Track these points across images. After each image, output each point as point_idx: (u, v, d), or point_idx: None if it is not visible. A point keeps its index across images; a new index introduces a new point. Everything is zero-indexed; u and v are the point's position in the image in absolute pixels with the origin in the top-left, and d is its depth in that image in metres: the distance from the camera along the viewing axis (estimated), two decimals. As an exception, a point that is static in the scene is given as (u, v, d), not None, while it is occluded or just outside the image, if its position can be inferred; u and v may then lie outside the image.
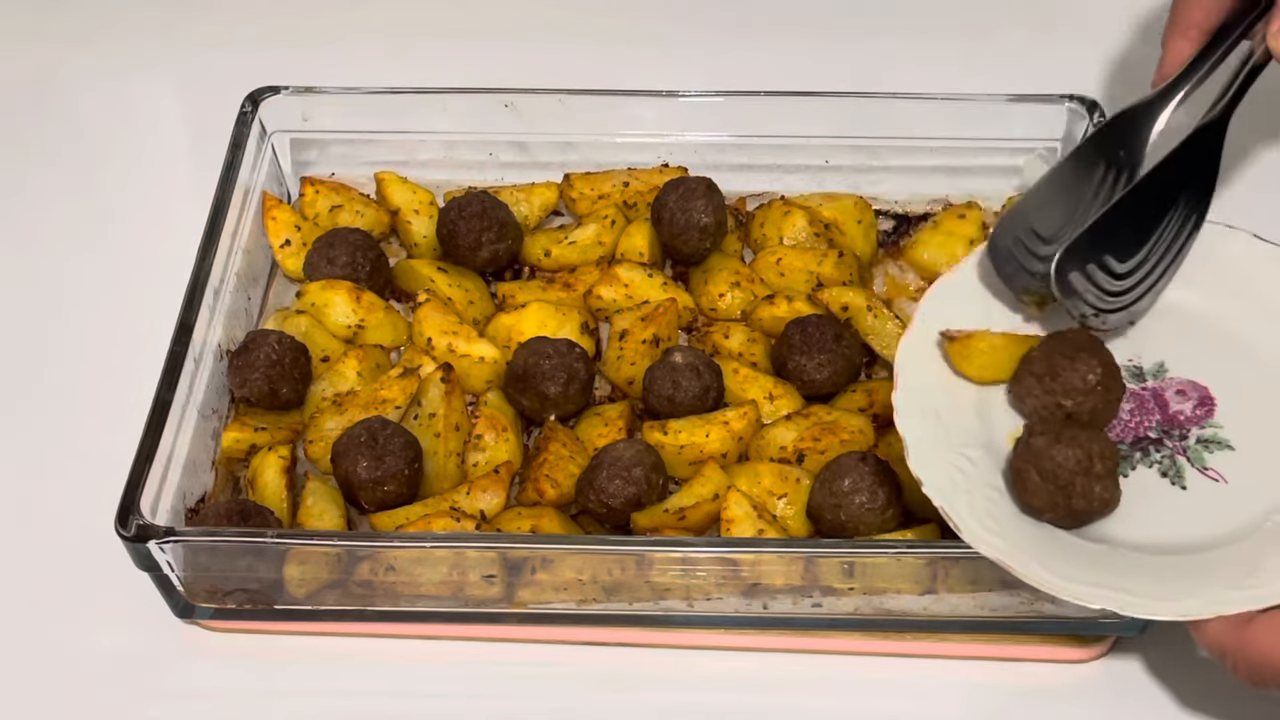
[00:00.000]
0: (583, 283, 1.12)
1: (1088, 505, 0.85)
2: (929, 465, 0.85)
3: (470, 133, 1.19)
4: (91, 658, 0.97)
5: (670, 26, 1.41)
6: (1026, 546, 0.83)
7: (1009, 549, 0.82)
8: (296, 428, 1.05)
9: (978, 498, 0.85)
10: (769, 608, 0.94)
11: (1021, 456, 0.86)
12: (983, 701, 0.95)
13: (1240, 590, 0.80)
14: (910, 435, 0.86)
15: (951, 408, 0.89)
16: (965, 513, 0.84)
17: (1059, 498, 0.84)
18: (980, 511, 0.84)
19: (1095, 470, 0.84)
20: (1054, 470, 0.84)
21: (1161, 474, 0.90)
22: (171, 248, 1.10)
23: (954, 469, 0.86)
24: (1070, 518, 0.85)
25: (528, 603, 0.95)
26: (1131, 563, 0.84)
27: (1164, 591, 0.81)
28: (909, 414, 0.87)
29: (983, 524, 0.84)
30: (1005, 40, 1.38)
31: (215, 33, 1.40)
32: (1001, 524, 0.84)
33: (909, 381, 0.89)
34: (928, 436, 0.87)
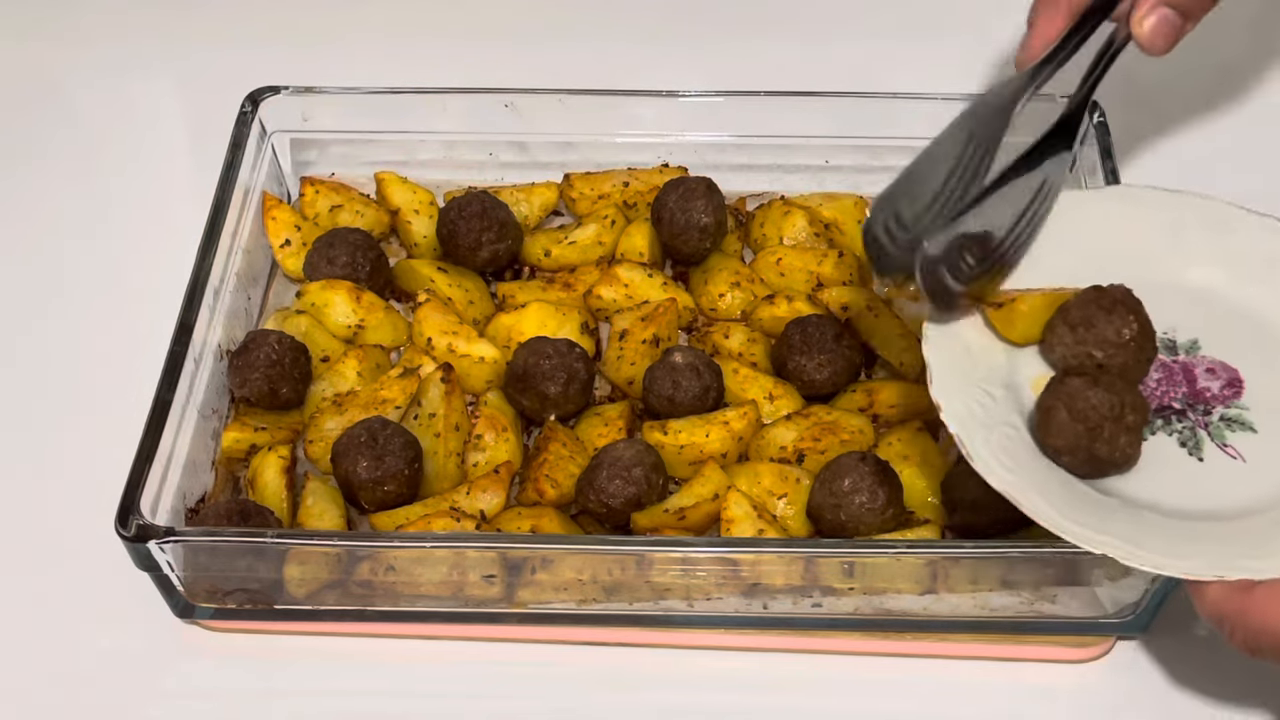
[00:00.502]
0: (583, 283, 1.12)
1: (1109, 453, 0.85)
2: (949, 394, 0.86)
3: (470, 133, 1.19)
4: (91, 657, 0.97)
5: (670, 26, 1.41)
6: (1037, 486, 0.83)
7: (1019, 483, 0.82)
8: (296, 428, 1.05)
9: (994, 433, 0.86)
10: (769, 608, 0.94)
11: (1053, 394, 0.86)
12: (982, 701, 0.95)
13: (1247, 559, 0.81)
14: (935, 362, 0.87)
15: (980, 345, 0.90)
16: (980, 444, 0.84)
17: (1083, 439, 0.84)
18: (995, 446, 0.85)
19: (1126, 420, 0.84)
20: (1085, 411, 0.84)
21: (1180, 443, 0.90)
22: (171, 247, 1.10)
23: (974, 402, 0.87)
24: (1089, 464, 0.85)
25: (528, 603, 0.95)
26: (1139, 519, 0.84)
27: (1169, 550, 0.81)
28: (937, 342, 0.88)
29: (996, 458, 0.84)
30: (1005, 40, 1.38)
31: (215, 32, 1.40)
32: (1015, 460, 0.84)
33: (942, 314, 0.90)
34: (952, 367, 0.87)
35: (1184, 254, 0.95)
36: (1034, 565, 0.84)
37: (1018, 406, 0.89)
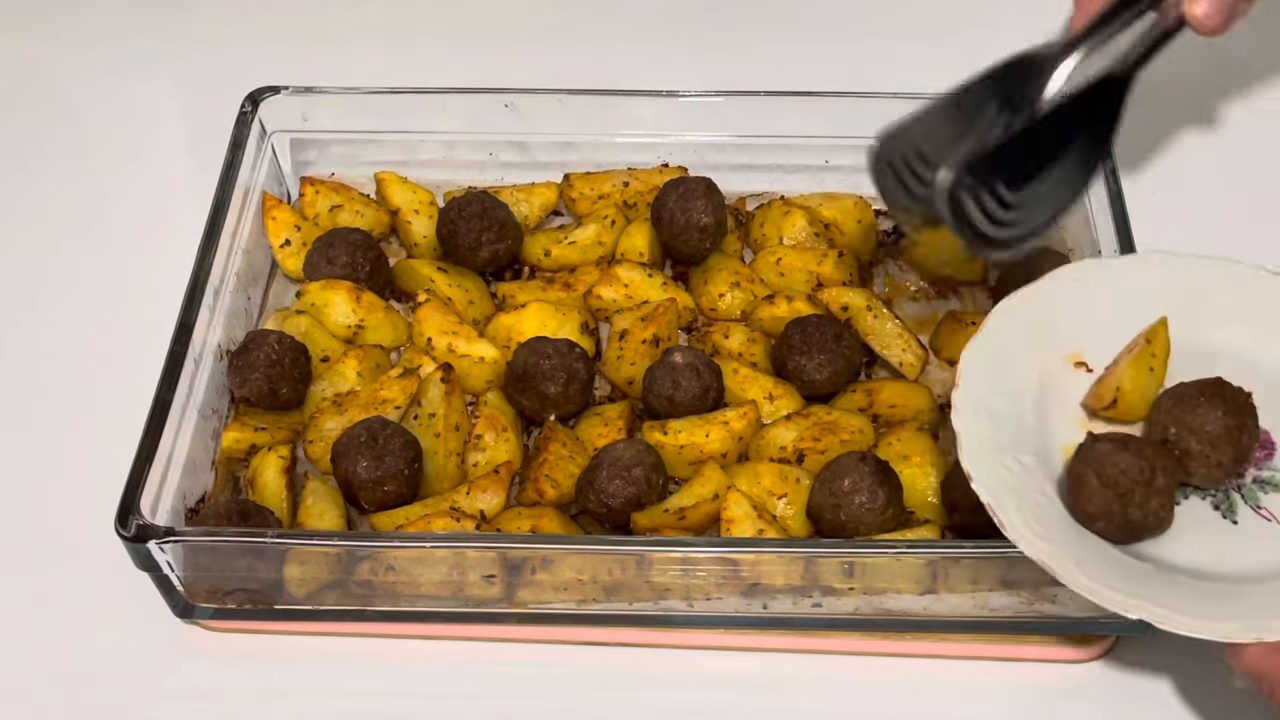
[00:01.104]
0: (583, 283, 1.12)
1: (1143, 518, 0.85)
2: (980, 463, 0.86)
3: (470, 133, 1.19)
4: (91, 657, 0.97)
5: (670, 26, 1.41)
6: (1071, 553, 0.83)
7: (1053, 552, 0.82)
8: (296, 428, 1.05)
9: (1026, 500, 0.85)
10: (769, 608, 0.94)
11: (1083, 460, 0.86)
12: (982, 701, 0.95)
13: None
14: (965, 432, 0.87)
15: (1009, 412, 0.90)
16: (1012, 512, 0.84)
17: (1115, 505, 0.84)
18: (1028, 514, 0.84)
19: (1156, 484, 0.84)
20: (1115, 476, 0.84)
21: (1214, 506, 0.90)
22: (171, 248, 1.10)
23: (1004, 469, 0.86)
24: (1123, 529, 0.85)
25: (528, 603, 0.95)
26: (1175, 583, 0.84)
27: (1205, 612, 0.81)
28: (965, 412, 0.88)
29: (1029, 526, 0.83)
30: (1005, 40, 1.38)
31: (215, 32, 1.40)
32: (1048, 528, 0.84)
33: (969, 383, 0.89)
34: (982, 436, 0.87)
35: (1208, 317, 0.95)
36: (1034, 565, 0.84)
37: (1049, 473, 0.88)
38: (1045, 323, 0.94)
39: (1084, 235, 1.10)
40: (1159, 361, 0.92)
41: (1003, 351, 0.92)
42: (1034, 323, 0.94)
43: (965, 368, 0.90)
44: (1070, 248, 1.12)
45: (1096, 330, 0.94)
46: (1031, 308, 0.94)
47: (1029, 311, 0.94)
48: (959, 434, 0.87)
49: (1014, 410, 0.90)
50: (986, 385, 0.90)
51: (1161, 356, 0.93)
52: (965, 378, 0.90)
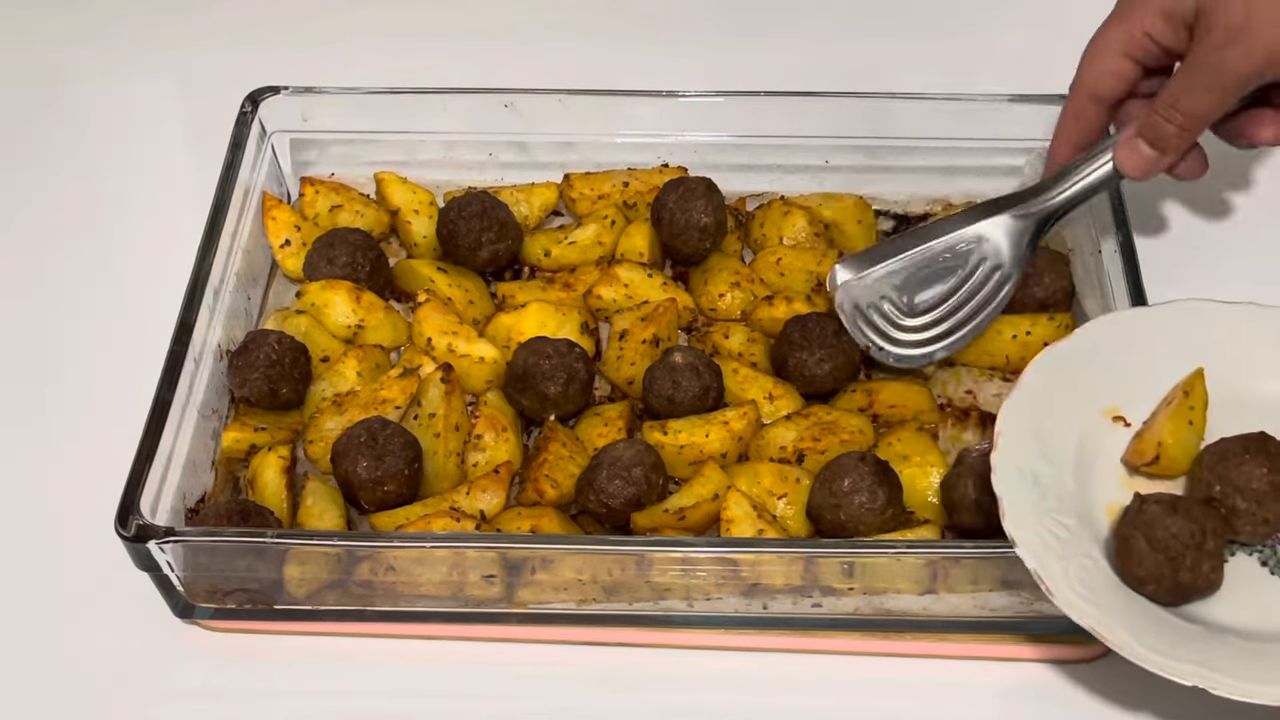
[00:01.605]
0: (583, 283, 1.12)
1: (1193, 580, 0.84)
2: (1023, 527, 0.85)
3: (470, 133, 1.19)
4: (91, 658, 0.97)
5: (670, 26, 1.41)
6: (1119, 617, 0.82)
7: (1101, 617, 0.82)
8: (296, 428, 1.05)
9: (1072, 564, 0.84)
10: (769, 608, 0.94)
11: (1130, 523, 0.85)
12: (982, 701, 0.95)
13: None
14: (1007, 496, 0.85)
15: (1049, 475, 0.88)
16: (1058, 577, 0.83)
17: (1165, 569, 0.84)
18: (1074, 579, 0.83)
19: (1206, 546, 0.84)
20: (1165, 540, 0.84)
21: (1261, 563, 0.90)
22: (171, 248, 1.10)
23: (1048, 533, 0.85)
24: (1173, 592, 0.85)
25: (528, 603, 0.95)
26: (1226, 645, 0.83)
27: (1257, 675, 0.80)
28: (1006, 475, 0.87)
29: (1075, 591, 0.83)
30: (1005, 40, 1.38)
31: (215, 33, 1.40)
32: (1095, 592, 0.83)
33: (1009, 444, 0.88)
34: (1024, 499, 0.86)
35: (1247, 367, 0.94)
36: (1035, 565, 0.84)
37: (1093, 535, 0.88)
38: (1082, 377, 0.93)
39: (1085, 236, 1.10)
40: (1198, 414, 0.92)
41: (1040, 409, 0.91)
42: (1070, 377, 0.92)
43: (1004, 428, 0.89)
44: (1070, 248, 1.13)
45: (1134, 383, 0.93)
46: (1067, 362, 0.93)
47: (1065, 366, 0.93)
48: (1001, 498, 0.85)
49: (1054, 471, 0.89)
50: (1026, 445, 0.89)
51: (1200, 409, 0.92)
52: (1005, 438, 0.88)
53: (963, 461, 0.96)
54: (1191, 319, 0.95)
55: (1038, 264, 1.08)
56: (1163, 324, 0.95)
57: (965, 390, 1.06)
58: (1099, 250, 1.07)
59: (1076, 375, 0.93)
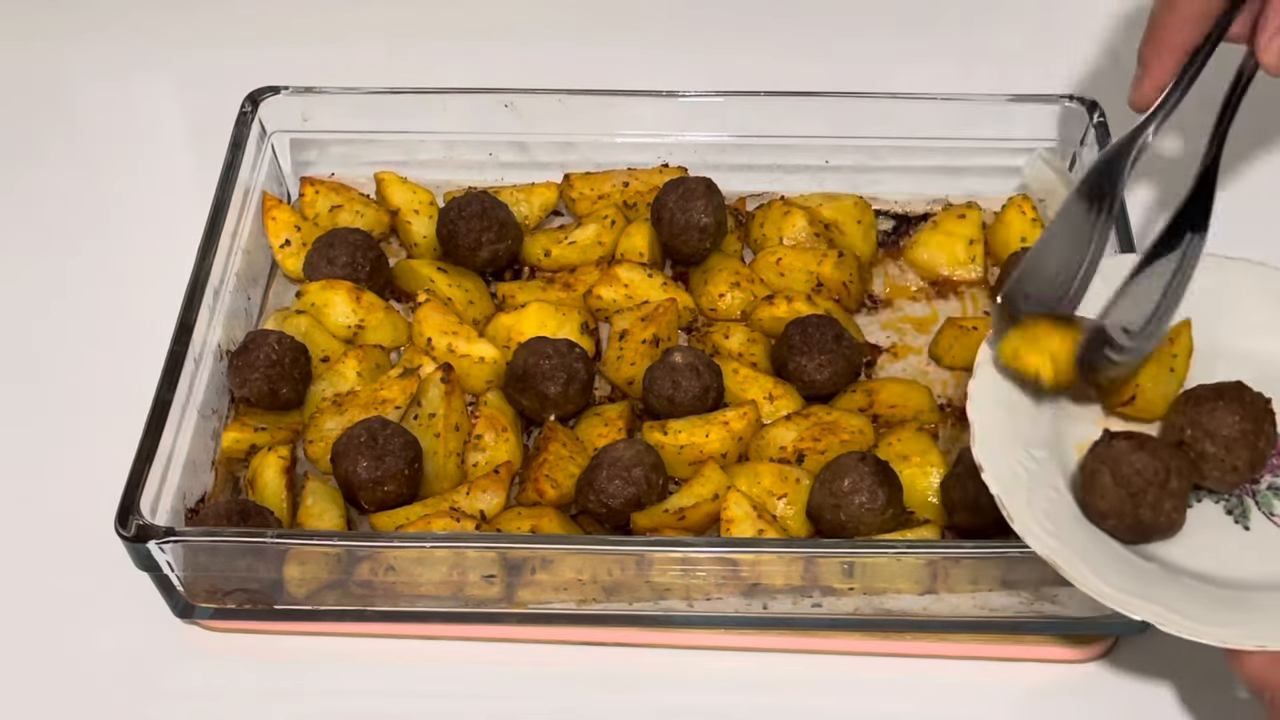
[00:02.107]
0: (583, 283, 1.12)
1: (1154, 519, 0.84)
2: (992, 456, 0.85)
3: (470, 133, 1.19)
4: (91, 657, 0.97)
5: (670, 26, 1.41)
6: (1078, 550, 0.83)
7: (1060, 549, 0.82)
8: (296, 428, 1.05)
9: (1037, 495, 0.85)
10: (769, 608, 0.94)
11: (1098, 457, 0.85)
12: (982, 701, 0.95)
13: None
14: (979, 423, 0.86)
15: (1025, 406, 0.89)
16: (1022, 507, 0.83)
17: (1127, 505, 0.84)
18: (1037, 509, 0.84)
19: (1170, 486, 0.84)
20: (1129, 476, 0.84)
21: (1226, 511, 0.90)
22: (171, 248, 1.10)
23: (1017, 464, 0.86)
24: (1133, 529, 0.85)
25: (528, 603, 0.95)
26: (1181, 585, 0.83)
27: (1210, 617, 0.80)
28: (981, 403, 0.87)
29: (1037, 521, 0.83)
30: (1005, 40, 1.38)
31: (215, 33, 1.40)
32: (1057, 524, 0.84)
33: (987, 374, 0.89)
34: (996, 428, 0.87)
35: (1238, 321, 0.94)
36: (1034, 565, 0.84)
37: (1061, 469, 0.88)
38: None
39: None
40: (1180, 362, 0.92)
41: None
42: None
43: (983, 358, 0.90)
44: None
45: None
46: None
47: None
48: (973, 425, 0.86)
49: (1030, 404, 0.90)
50: (1002, 378, 0.89)
51: (1183, 357, 0.92)
52: (983, 368, 0.89)
53: (962, 461, 0.96)
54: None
55: None
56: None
57: (965, 391, 1.06)
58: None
59: None
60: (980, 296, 1.13)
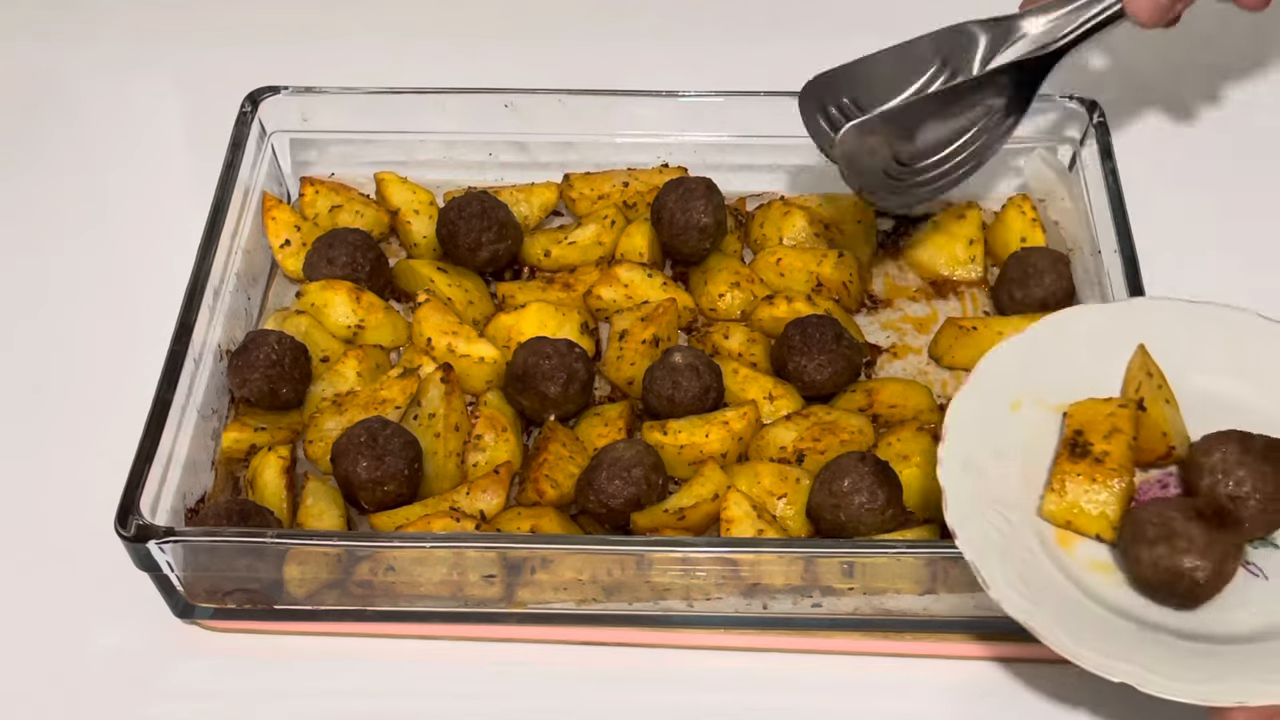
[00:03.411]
0: (582, 283, 1.12)
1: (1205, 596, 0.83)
2: (965, 521, 0.84)
3: (470, 133, 1.19)
4: (91, 657, 0.97)
5: (670, 26, 1.41)
6: (1053, 612, 0.82)
7: (1034, 611, 0.81)
8: (296, 428, 1.05)
9: (1011, 559, 0.84)
10: (769, 608, 0.94)
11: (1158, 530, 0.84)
12: (982, 701, 0.95)
13: (1268, 684, 0.79)
14: (951, 489, 0.85)
15: (997, 468, 0.88)
16: (997, 573, 0.82)
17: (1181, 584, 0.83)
18: (1012, 573, 0.83)
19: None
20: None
21: None
22: (171, 248, 1.10)
23: (990, 527, 0.85)
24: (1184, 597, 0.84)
25: (527, 603, 0.95)
26: (1159, 643, 0.82)
27: (1188, 674, 0.80)
28: (952, 467, 0.86)
29: (1013, 586, 0.82)
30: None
31: (215, 32, 1.40)
32: (1031, 588, 0.83)
33: (957, 436, 0.88)
34: (968, 492, 0.86)
35: (1204, 366, 0.92)
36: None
37: (1035, 529, 0.87)
38: (1035, 371, 0.92)
39: (1084, 236, 1.10)
40: (1168, 390, 0.90)
41: (991, 404, 0.90)
42: (1022, 373, 0.91)
43: (953, 421, 0.88)
44: (1070, 248, 1.13)
45: (1086, 380, 0.92)
46: (1019, 357, 0.92)
47: (1017, 361, 0.92)
48: (945, 489, 0.85)
49: (1002, 465, 0.88)
50: (974, 439, 0.88)
51: (1167, 385, 0.90)
52: (952, 432, 0.88)
53: None
54: (1148, 316, 0.94)
55: (1038, 264, 1.08)
56: (1118, 320, 0.94)
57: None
58: (1098, 250, 1.07)
59: (1030, 369, 0.92)
60: (980, 296, 1.13)
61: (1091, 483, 0.86)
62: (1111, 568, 0.87)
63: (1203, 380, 0.92)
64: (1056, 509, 0.87)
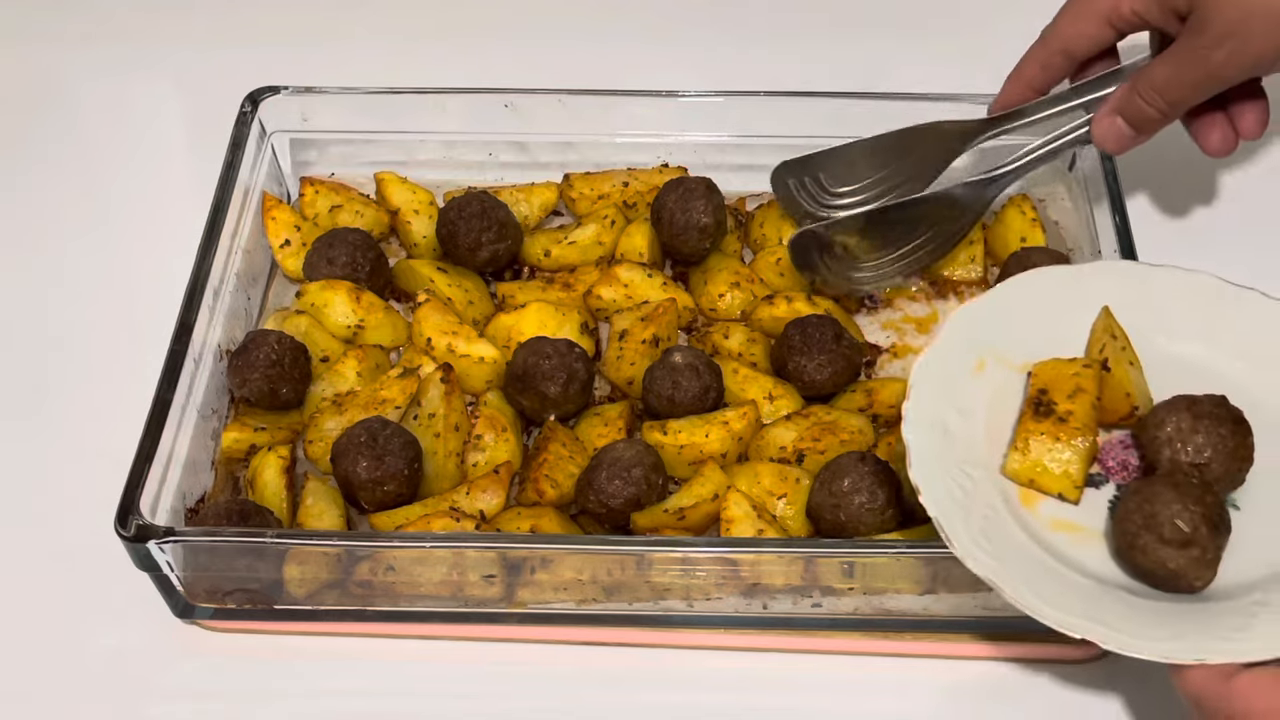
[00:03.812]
0: (582, 283, 1.12)
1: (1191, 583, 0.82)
2: (929, 478, 0.84)
3: (470, 133, 1.19)
4: (91, 657, 0.97)
5: (670, 26, 1.41)
6: (1016, 569, 0.82)
7: (998, 568, 0.81)
8: (296, 428, 1.05)
9: (974, 516, 0.84)
10: (769, 608, 0.94)
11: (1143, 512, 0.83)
12: (982, 701, 0.95)
13: (1228, 642, 0.79)
14: (915, 444, 0.85)
15: (961, 426, 0.88)
16: (960, 530, 0.83)
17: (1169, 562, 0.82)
18: (975, 530, 0.83)
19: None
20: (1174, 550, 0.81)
21: None
22: (171, 248, 1.10)
23: (954, 484, 0.85)
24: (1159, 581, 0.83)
25: (527, 603, 0.95)
26: (1121, 601, 0.82)
27: (1149, 632, 0.80)
28: (917, 424, 0.86)
29: (976, 543, 0.82)
30: (1005, 40, 1.38)
31: (215, 33, 1.40)
32: (995, 544, 0.83)
33: (922, 393, 0.88)
34: (932, 448, 0.86)
35: (1168, 328, 0.93)
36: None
37: (998, 486, 0.87)
38: (999, 332, 0.92)
39: (1085, 235, 1.10)
40: (1131, 352, 0.90)
41: (956, 363, 0.90)
42: (988, 332, 0.92)
43: (917, 379, 0.88)
44: (1070, 248, 1.13)
45: (1050, 340, 0.92)
46: (985, 317, 0.92)
47: (983, 320, 0.92)
48: (909, 446, 0.85)
49: (966, 422, 0.88)
50: (939, 397, 0.88)
51: (1131, 347, 0.90)
52: (917, 389, 0.88)
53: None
54: (1113, 278, 0.95)
55: (1038, 264, 1.08)
56: (1083, 282, 0.95)
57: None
58: (1098, 250, 1.07)
59: (995, 329, 0.92)
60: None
61: (1055, 441, 0.86)
62: (1074, 526, 0.86)
63: (1165, 342, 0.92)
64: (1020, 467, 0.87)
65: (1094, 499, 0.88)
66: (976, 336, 0.92)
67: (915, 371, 0.89)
